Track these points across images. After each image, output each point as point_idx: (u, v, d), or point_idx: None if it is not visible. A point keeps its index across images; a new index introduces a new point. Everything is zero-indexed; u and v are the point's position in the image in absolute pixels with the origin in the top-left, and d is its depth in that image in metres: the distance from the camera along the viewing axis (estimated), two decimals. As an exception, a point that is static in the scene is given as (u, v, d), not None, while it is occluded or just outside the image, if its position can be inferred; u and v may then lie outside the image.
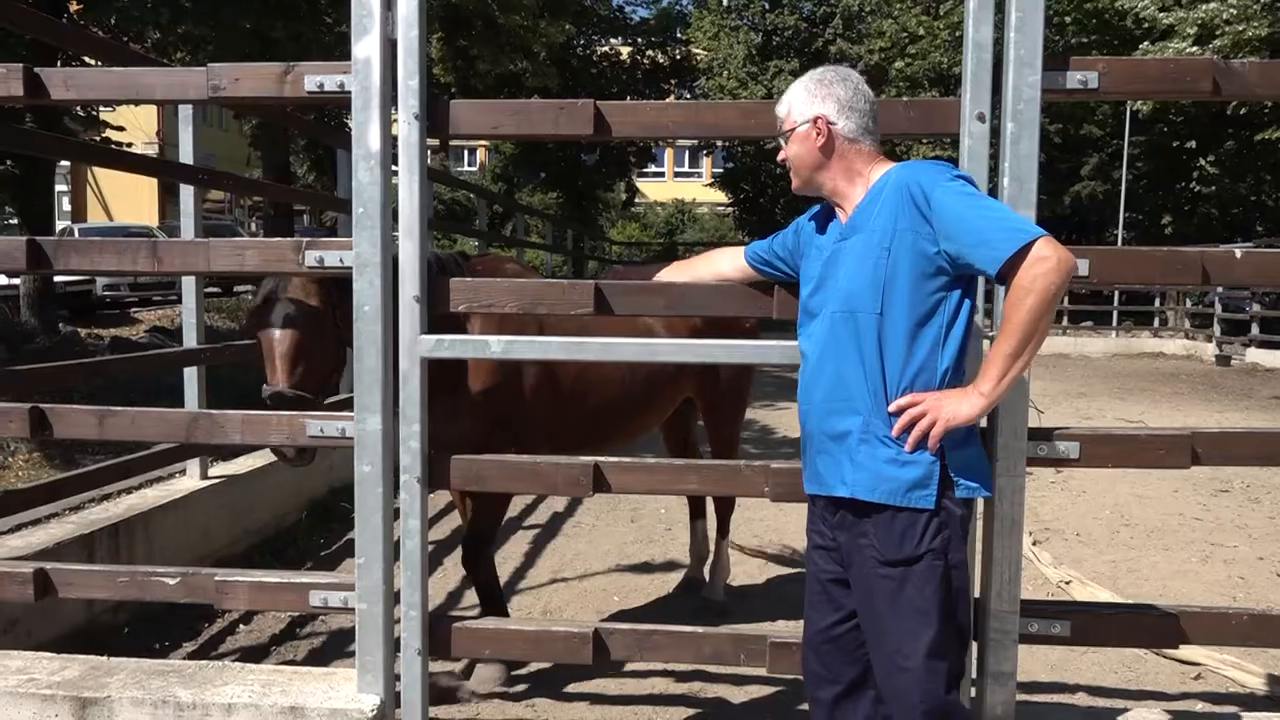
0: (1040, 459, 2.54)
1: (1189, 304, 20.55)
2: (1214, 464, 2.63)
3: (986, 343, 2.44)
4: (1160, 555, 5.52)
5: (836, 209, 2.30)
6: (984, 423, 2.48)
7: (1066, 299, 20.27)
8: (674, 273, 2.87)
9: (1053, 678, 3.80)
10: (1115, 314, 21.14)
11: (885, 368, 2.12)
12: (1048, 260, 1.95)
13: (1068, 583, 4.85)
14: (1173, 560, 5.43)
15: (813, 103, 2.23)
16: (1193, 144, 22.37)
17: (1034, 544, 5.53)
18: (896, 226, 2.10)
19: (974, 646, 2.54)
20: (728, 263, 2.72)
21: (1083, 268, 2.49)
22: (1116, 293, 20.77)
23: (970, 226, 2.02)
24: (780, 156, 2.34)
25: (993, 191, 2.42)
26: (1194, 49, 16.98)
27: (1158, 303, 21.46)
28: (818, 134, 2.22)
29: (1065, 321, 20.81)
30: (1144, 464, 2.64)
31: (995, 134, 2.43)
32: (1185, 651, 3.85)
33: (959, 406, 2.04)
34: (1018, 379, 2.05)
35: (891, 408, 2.10)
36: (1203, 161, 22.49)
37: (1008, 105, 2.41)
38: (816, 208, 2.41)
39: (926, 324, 2.10)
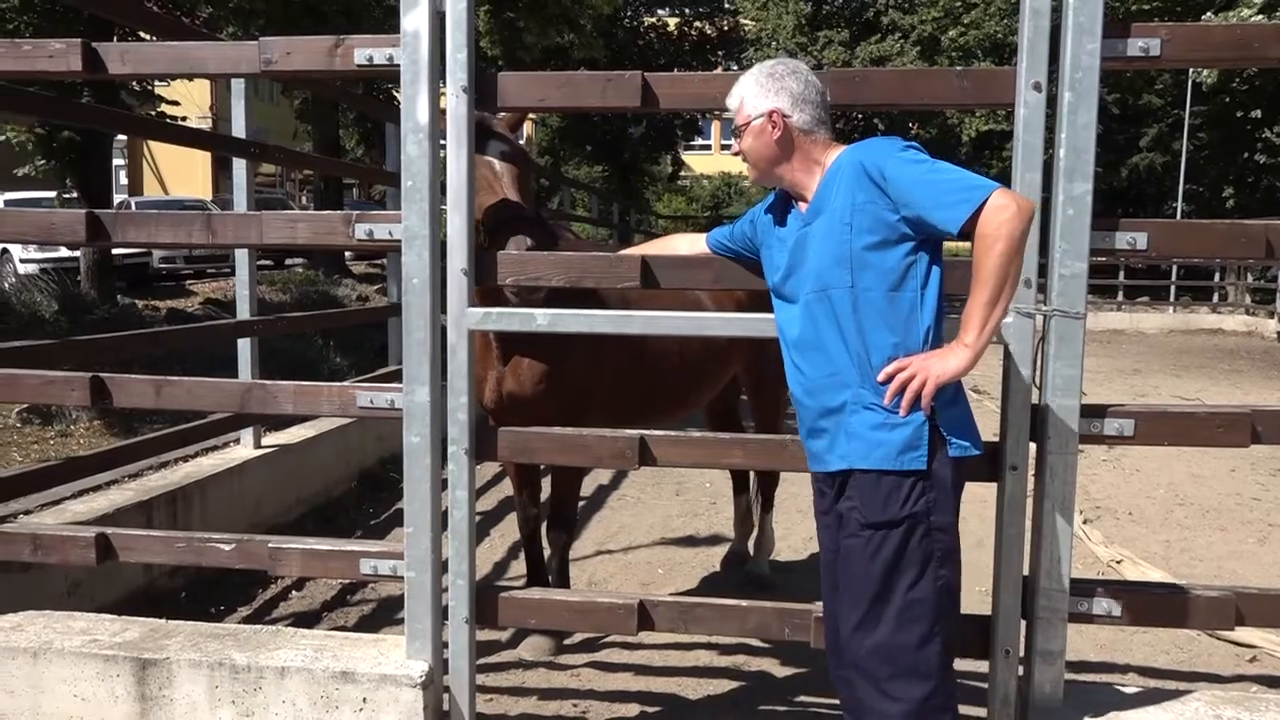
0: (1094, 436, 2.50)
1: (1250, 279, 20.00)
2: (1274, 443, 2.55)
3: (1040, 319, 2.41)
4: (1216, 535, 5.42)
5: (796, 199, 2.32)
6: (1035, 395, 2.44)
7: (1122, 273, 19.89)
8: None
9: (1102, 657, 3.76)
10: (1173, 289, 20.65)
11: (865, 338, 2.15)
12: (1008, 208, 2.00)
13: (1119, 562, 4.78)
14: (1229, 541, 5.32)
15: (766, 97, 2.26)
16: (1258, 114, 21.61)
17: (1085, 522, 5.46)
18: (855, 201, 2.15)
19: (1022, 624, 2.52)
20: (685, 246, 2.76)
21: (1140, 241, 2.43)
22: (1175, 267, 20.27)
23: (927, 190, 2.07)
24: (734, 150, 2.35)
25: (1048, 163, 2.37)
26: (1259, 17, 16.40)
27: (1217, 278, 20.91)
28: (773, 128, 2.24)
29: (1121, 296, 20.38)
30: (1201, 442, 2.59)
31: (1052, 104, 2.37)
32: (1240, 634, 3.78)
33: (947, 362, 2.07)
34: (998, 327, 2.09)
35: (880, 376, 2.12)
36: (1268, 132, 21.74)
37: (1065, 74, 2.35)
38: (771, 198, 2.43)
39: (900, 289, 2.14)
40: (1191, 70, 19.13)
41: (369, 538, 5.14)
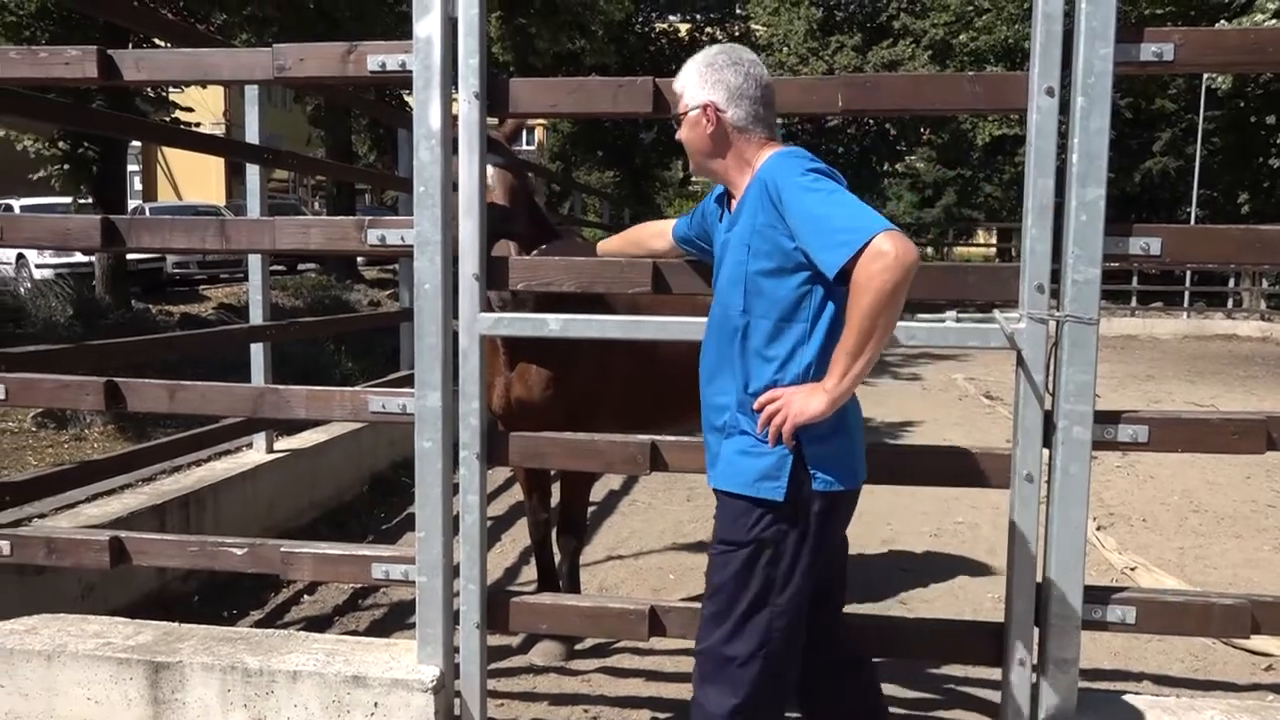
0: (1107, 442, 2.48)
1: (1265, 285, 19.86)
2: (1290, 450, 2.54)
3: (1053, 324, 2.40)
4: (1231, 543, 5.38)
5: (732, 196, 2.28)
6: (1048, 401, 2.43)
7: (1135, 278, 19.79)
8: (615, 244, 2.91)
9: (1116, 665, 3.73)
10: (1187, 294, 20.53)
11: (749, 365, 2.14)
12: (884, 257, 1.89)
13: (1133, 569, 4.75)
14: (1244, 548, 5.28)
15: (703, 88, 2.20)
16: (1272, 119, 21.50)
17: (1098, 529, 5.43)
18: (756, 223, 2.10)
19: (1035, 632, 2.51)
20: (651, 235, 2.77)
21: (1154, 246, 2.42)
22: (1189, 272, 20.16)
23: (814, 227, 1.99)
24: (677, 136, 2.30)
25: (1061, 168, 2.36)
26: (1274, 22, 16.32)
27: (1232, 283, 20.78)
28: (707, 121, 2.19)
29: (1134, 302, 20.29)
30: (1215, 449, 2.57)
31: (1064, 109, 2.37)
32: (1256, 642, 3.74)
33: (808, 404, 2.02)
34: (862, 375, 2.01)
35: (755, 405, 2.11)
36: (1283, 137, 21.63)
37: (1078, 79, 2.34)
38: (720, 188, 2.39)
39: (791, 320, 2.10)
40: (1206, 75, 19.05)
41: (380, 542, 5.15)
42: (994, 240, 29.90)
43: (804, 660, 2.28)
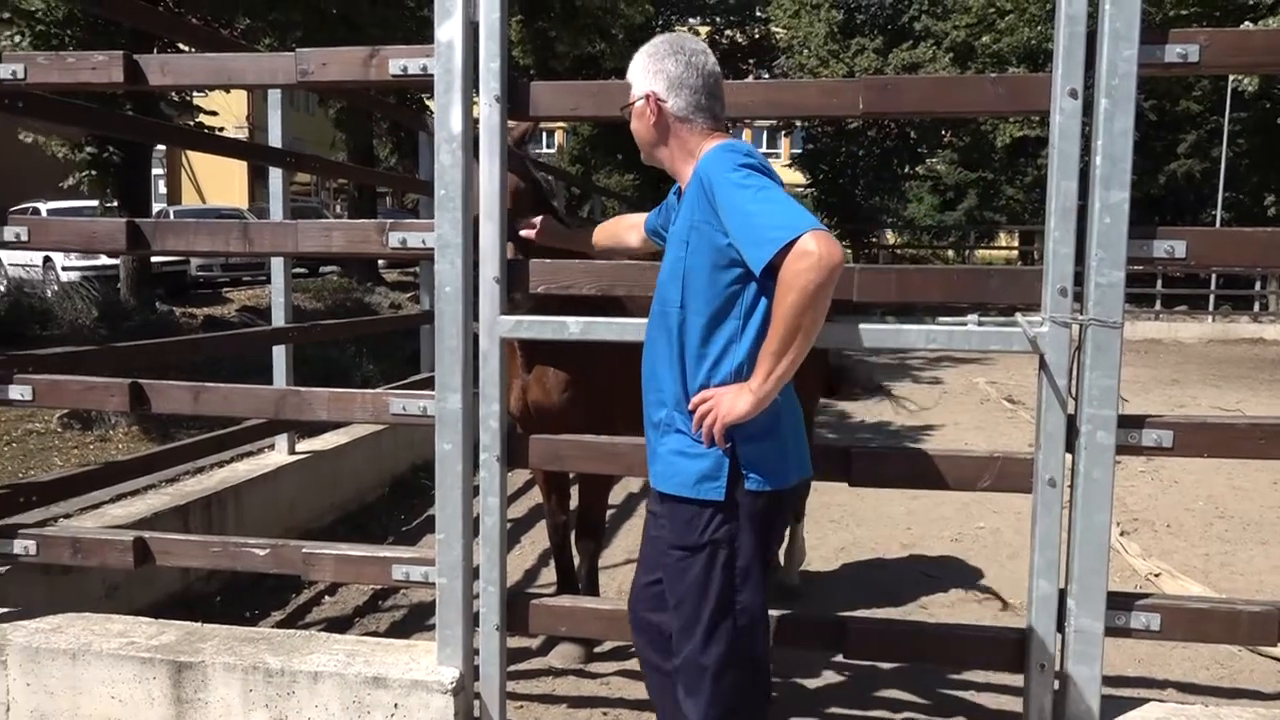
0: (1131, 447, 2.46)
1: (1293, 288, 19.62)
2: (1318, 455, 2.51)
3: (1076, 328, 2.38)
4: (1257, 549, 5.31)
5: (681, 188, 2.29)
6: (1071, 406, 2.41)
7: (1159, 281, 19.60)
8: (596, 236, 2.93)
9: (1140, 673, 3.70)
10: (1212, 298, 20.30)
11: (685, 362, 2.15)
12: (809, 257, 1.89)
13: (1157, 575, 4.70)
14: (1271, 555, 5.21)
15: (646, 78, 2.21)
16: (1300, 120, 21.26)
17: (1122, 535, 5.38)
18: (693, 219, 2.11)
19: (1058, 638, 2.49)
20: (636, 235, 2.79)
21: (1179, 249, 2.40)
22: (1214, 276, 19.93)
23: (743, 223, 1.99)
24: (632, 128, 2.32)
25: (1085, 170, 2.34)
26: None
27: (1258, 286, 20.53)
28: (650, 111, 2.21)
29: (1158, 305, 20.09)
30: (1241, 454, 2.54)
31: (1088, 110, 2.35)
32: (1282, 649, 3.70)
33: (735, 404, 2.03)
34: (787, 375, 2.01)
35: (690, 405, 2.13)
36: (1311, 139, 21.37)
37: (1102, 80, 2.32)
38: None
39: (724, 319, 2.10)
40: (1231, 76, 18.84)
41: (400, 544, 5.17)
42: (1016, 243, 29.69)
43: None
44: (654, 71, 2.20)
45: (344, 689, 2.68)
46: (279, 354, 5.26)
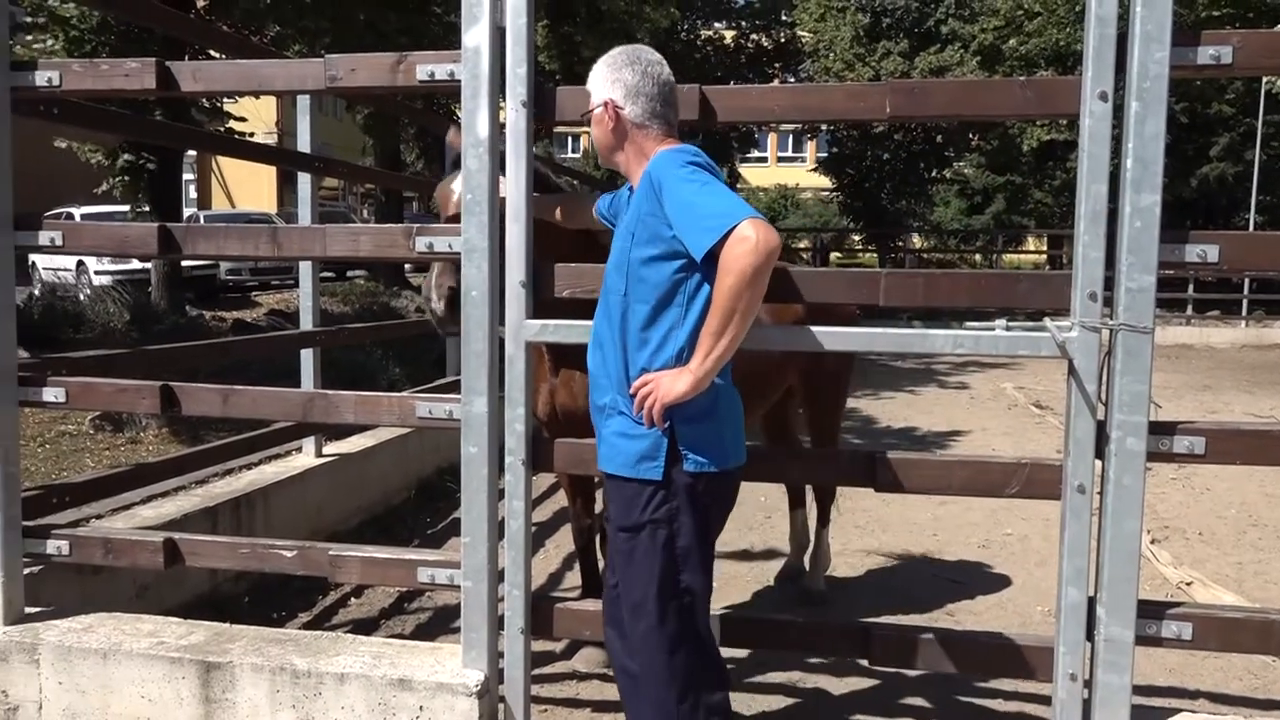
0: (1162, 454, 2.43)
1: (1328, 293, 19.30)
2: (1355, 463, 2.46)
3: (1106, 333, 2.36)
4: (1291, 558, 5.23)
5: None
6: (1100, 412, 2.38)
7: (1191, 286, 19.34)
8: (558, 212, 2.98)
9: (1171, 682, 3.65)
10: (1245, 303, 20.02)
11: (628, 348, 2.27)
12: (747, 241, 2.03)
13: (1188, 584, 4.64)
14: (1305, 564, 5.13)
15: (605, 86, 2.35)
16: (1335, 122, 20.97)
17: (1153, 543, 5.31)
18: (640, 212, 2.24)
19: (1087, 647, 2.46)
20: (589, 215, 2.88)
21: (1211, 253, 2.37)
22: (1247, 280, 19.65)
23: (686, 214, 2.12)
24: (593, 135, 2.43)
25: (1115, 173, 2.32)
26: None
27: (1292, 291, 20.22)
28: (608, 118, 2.34)
29: (1190, 310, 19.83)
30: (1275, 461, 2.50)
31: (1118, 114, 2.32)
32: (1318, 660, 3.64)
33: (674, 385, 2.14)
34: (726, 356, 2.14)
35: (631, 389, 2.23)
36: (1346, 141, 21.05)
37: (1132, 83, 2.30)
38: None
39: (667, 306, 2.22)
40: (1265, 78, 18.59)
41: (426, 546, 5.19)
42: (1044, 247, 29.41)
43: None
44: (612, 80, 2.34)
45: (370, 691, 2.70)
46: (307, 357, 5.30)
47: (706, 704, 2.31)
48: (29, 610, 3.10)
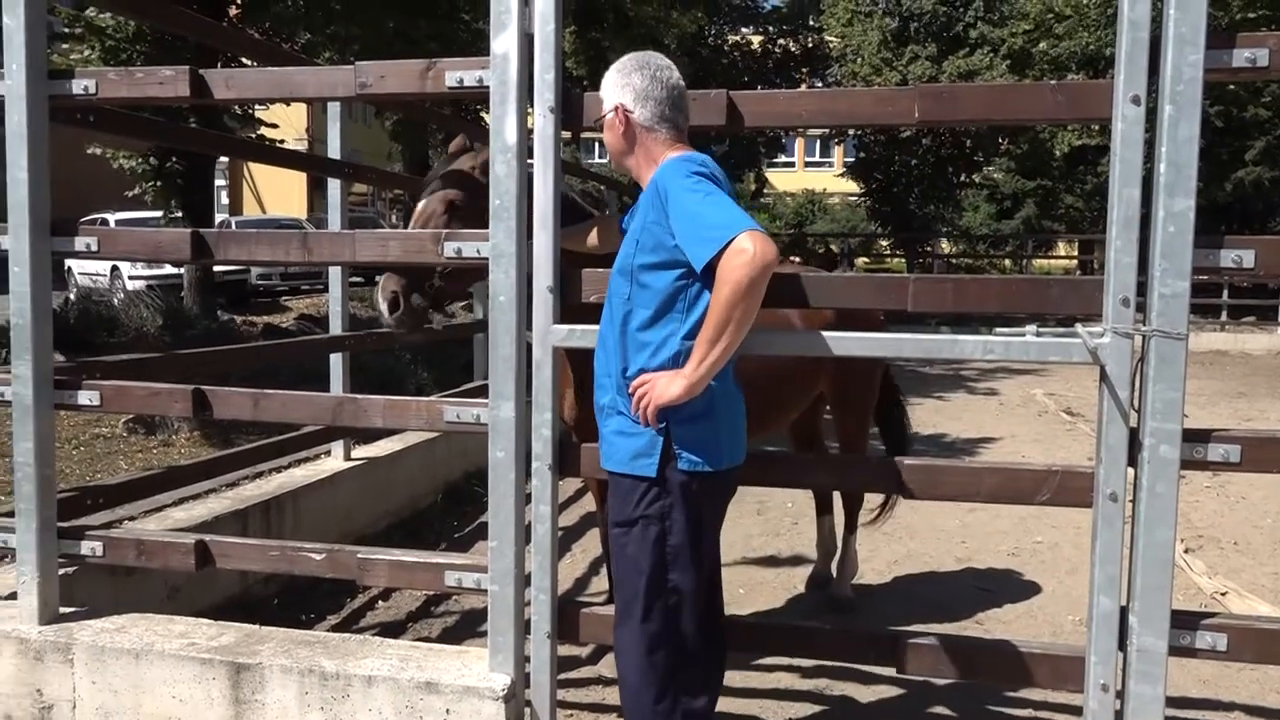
0: (1196, 462, 2.39)
1: (1367, 299, 18.95)
2: (1395, 472, 2.42)
3: (1139, 339, 2.33)
4: (1329, 569, 5.14)
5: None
6: (1133, 419, 2.36)
7: (1225, 291, 19.06)
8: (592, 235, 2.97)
9: (1205, 694, 3.59)
10: (1281, 309, 19.69)
11: (628, 350, 2.32)
12: (744, 254, 2.07)
13: (1224, 594, 4.57)
14: (1344, 575, 5.04)
15: (615, 91, 2.40)
16: (1374, 125, 20.58)
17: (1186, 552, 5.23)
18: (646, 219, 2.28)
19: (1119, 658, 2.43)
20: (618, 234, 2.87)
21: (1247, 259, 2.33)
22: (1284, 286, 19.32)
23: (689, 224, 2.16)
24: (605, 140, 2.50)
25: (1148, 178, 2.29)
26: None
27: (1331, 297, 19.86)
28: (619, 122, 2.39)
29: (1224, 316, 19.53)
30: (1314, 470, 2.46)
31: (1151, 117, 2.30)
32: (1357, 673, 3.57)
33: (669, 388, 2.20)
34: (720, 363, 2.18)
35: (630, 389, 2.29)
36: (1385, 144, 20.65)
37: (1166, 86, 2.27)
38: None
39: (667, 312, 2.27)
40: (1301, 80, 18.29)
41: (453, 550, 5.21)
42: (1075, 253, 29.09)
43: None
44: (622, 85, 2.39)
45: (397, 693, 2.71)
46: (336, 361, 5.35)
47: (686, 709, 2.34)
48: (63, 610, 3.14)
